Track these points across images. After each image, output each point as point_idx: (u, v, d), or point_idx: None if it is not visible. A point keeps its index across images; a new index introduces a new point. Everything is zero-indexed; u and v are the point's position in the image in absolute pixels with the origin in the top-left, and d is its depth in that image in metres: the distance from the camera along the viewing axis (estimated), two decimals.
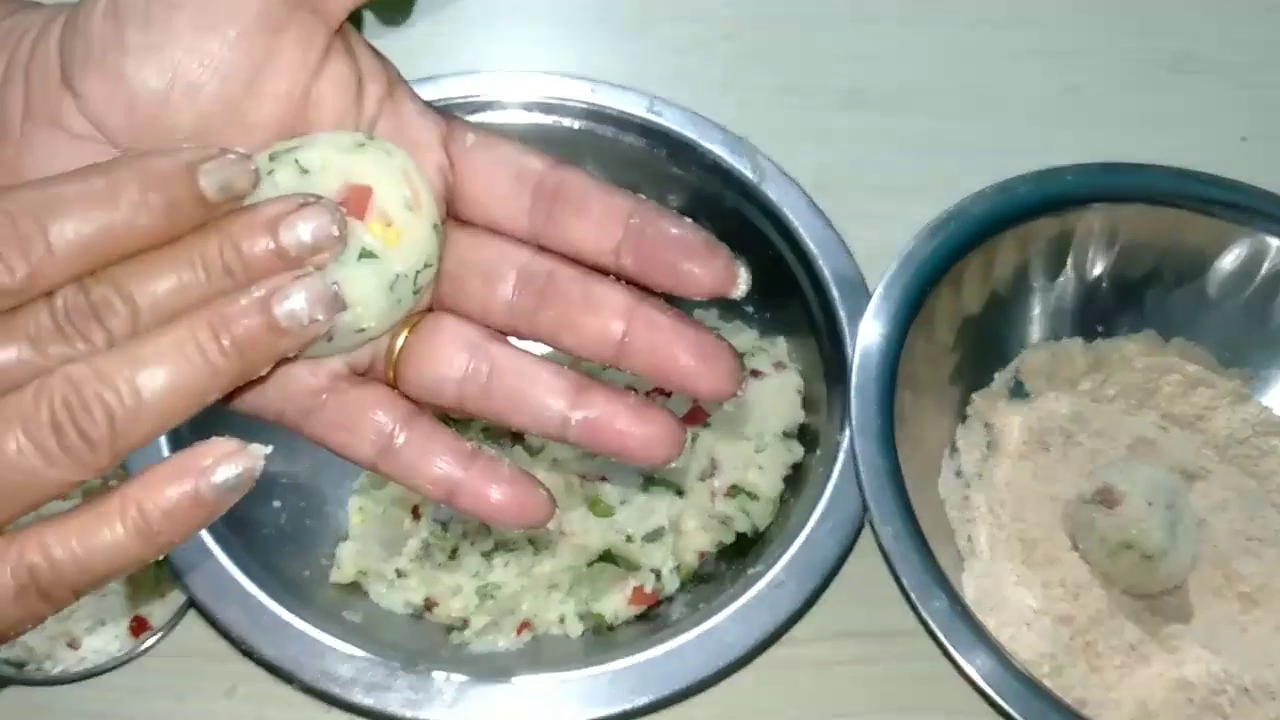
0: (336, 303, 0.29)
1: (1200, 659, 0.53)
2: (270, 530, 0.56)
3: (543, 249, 0.34)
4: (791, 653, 0.53)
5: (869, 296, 0.57)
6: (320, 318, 0.29)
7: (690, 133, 0.63)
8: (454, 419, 0.41)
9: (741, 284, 0.32)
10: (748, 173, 0.62)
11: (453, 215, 0.35)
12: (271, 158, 0.32)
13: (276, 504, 0.57)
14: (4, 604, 0.27)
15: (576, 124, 0.64)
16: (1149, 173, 0.62)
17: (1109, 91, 0.75)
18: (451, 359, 0.34)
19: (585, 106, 0.63)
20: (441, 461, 0.33)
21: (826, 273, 0.60)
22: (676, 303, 0.34)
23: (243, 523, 0.54)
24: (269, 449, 0.28)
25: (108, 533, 0.27)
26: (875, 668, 0.55)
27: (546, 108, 0.64)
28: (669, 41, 0.75)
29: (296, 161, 0.32)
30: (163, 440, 0.53)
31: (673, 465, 0.34)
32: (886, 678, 0.55)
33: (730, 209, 0.63)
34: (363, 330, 0.33)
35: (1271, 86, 0.76)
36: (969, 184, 0.60)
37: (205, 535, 0.51)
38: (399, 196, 0.32)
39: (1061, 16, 0.79)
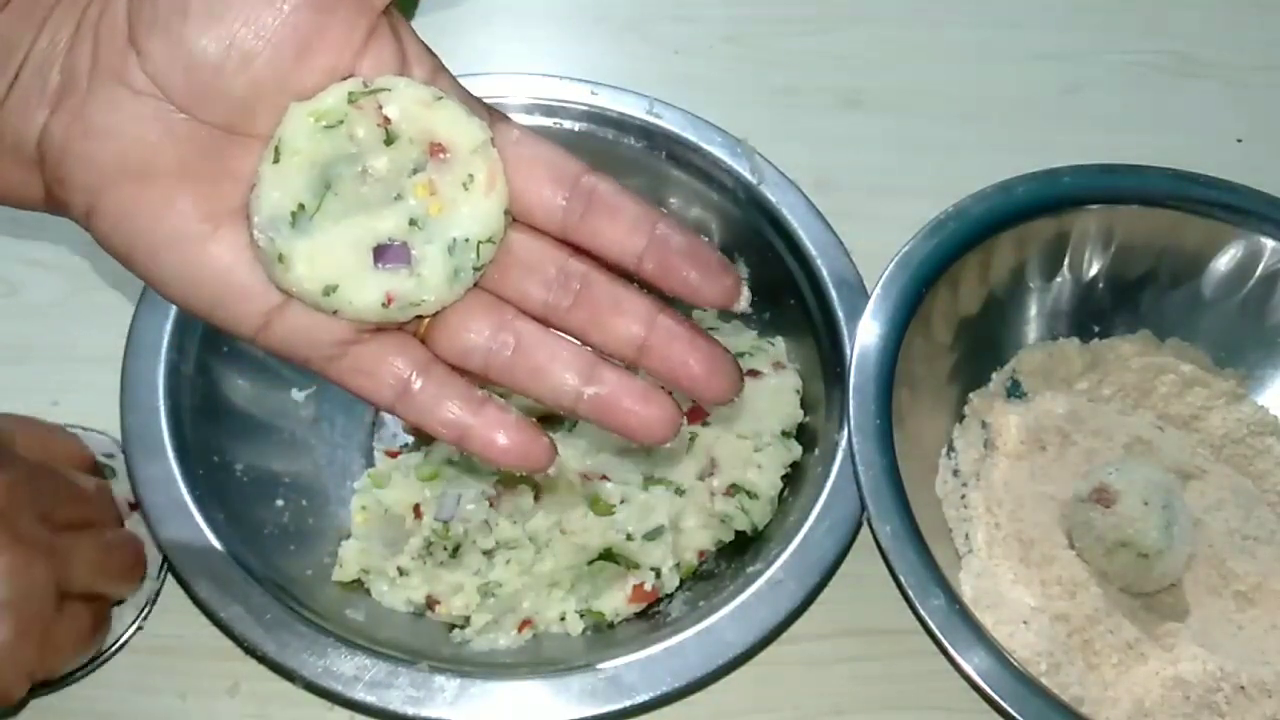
0: None
1: (1196, 657, 0.53)
2: (273, 529, 0.56)
3: (574, 248, 0.37)
4: (790, 650, 0.53)
5: (867, 297, 0.58)
6: None
7: (690, 134, 0.63)
8: None
9: (743, 301, 0.37)
10: (747, 174, 0.62)
11: None
12: (351, 98, 0.34)
13: (279, 503, 0.57)
14: None
15: (577, 126, 0.64)
16: (1145, 174, 0.62)
17: (1107, 93, 0.75)
18: (481, 329, 0.37)
19: (585, 109, 0.64)
20: (454, 406, 0.36)
21: (825, 273, 0.60)
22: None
23: (245, 521, 0.54)
24: None
25: None
26: (873, 665, 0.55)
27: (547, 109, 0.64)
28: (669, 43, 0.76)
29: (380, 107, 0.34)
30: (167, 440, 0.53)
31: (668, 446, 0.37)
32: (884, 675, 0.55)
33: (729, 210, 0.63)
34: (419, 304, 0.35)
35: (1267, 88, 0.76)
36: (967, 184, 0.60)
37: (208, 533, 0.51)
38: (479, 162, 0.35)
39: (1060, 18, 0.79)
